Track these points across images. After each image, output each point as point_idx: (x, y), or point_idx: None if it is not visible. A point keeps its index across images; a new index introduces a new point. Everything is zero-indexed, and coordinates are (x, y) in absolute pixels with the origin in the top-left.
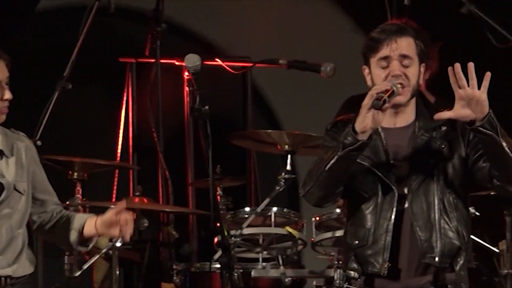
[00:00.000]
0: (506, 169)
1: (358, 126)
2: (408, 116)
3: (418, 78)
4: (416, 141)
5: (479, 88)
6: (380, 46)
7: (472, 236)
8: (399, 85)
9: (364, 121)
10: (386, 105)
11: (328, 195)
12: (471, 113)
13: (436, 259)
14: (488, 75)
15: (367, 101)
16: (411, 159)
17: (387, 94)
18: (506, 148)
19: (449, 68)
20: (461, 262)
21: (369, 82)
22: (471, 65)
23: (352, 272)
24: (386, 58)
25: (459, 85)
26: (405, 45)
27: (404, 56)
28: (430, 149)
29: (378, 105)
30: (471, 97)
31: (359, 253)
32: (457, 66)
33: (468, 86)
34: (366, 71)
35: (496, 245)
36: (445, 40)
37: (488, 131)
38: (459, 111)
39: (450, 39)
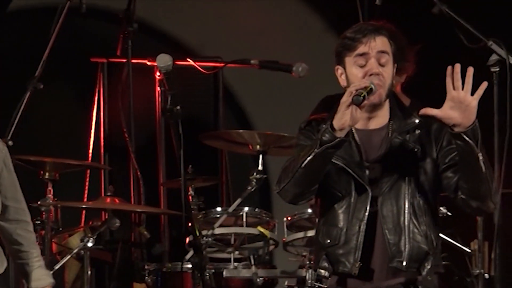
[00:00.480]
0: (475, 183)
1: (337, 123)
2: (382, 118)
3: (392, 78)
4: (389, 143)
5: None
6: (357, 44)
7: (444, 236)
8: (376, 84)
9: (343, 118)
10: (365, 102)
11: (304, 193)
12: (457, 117)
13: (404, 263)
14: (484, 84)
15: (345, 98)
16: (383, 161)
17: (366, 91)
18: (481, 162)
19: (449, 67)
20: (428, 267)
21: (342, 82)
22: (470, 70)
23: (322, 271)
24: (363, 55)
25: (454, 86)
26: (383, 44)
27: (382, 52)
28: (402, 152)
29: (359, 100)
30: (462, 100)
31: (331, 252)
32: (457, 66)
33: (463, 89)
34: (339, 71)
35: (468, 245)
36: (417, 41)
37: (469, 140)
38: (446, 111)
39: (421, 39)
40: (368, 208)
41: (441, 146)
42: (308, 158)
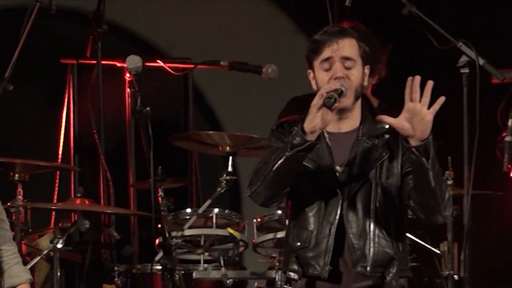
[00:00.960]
0: (424, 196)
1: (308, 126)
2: (353, 121)
3: (361, 80)
4: (358, 147)
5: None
6: (322, 47)
7: (413, 238)
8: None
9: (314, 120)
10: (336, 104)
11: (275, 195)
12: (411, 129)
13: (368, 268)
14: (441, 99)
15: (316, 101)
16: (352, 164)
17: (337, 94)
18: (431, 178)
19: (409, 78)
20: (394, 271)
21: (314, 86)
22: (430, 84)
23: (292, 274)
24: (328, 59)
25: (411, 97)
26: (347, 46)
27: (346, 58)
28: (370, 156)
29: (330, 103)
30: (418, 113)
31: (301, 255)
32: (417, 78)
33: (420, 102)
34: (311, 75)
35: (437, 246)
36: (386, 42)
37: (420, 155)
38: (402, 122)
39: (391, 40)
40: (338, 211)
41: (405, 151)
42: (279, 162)
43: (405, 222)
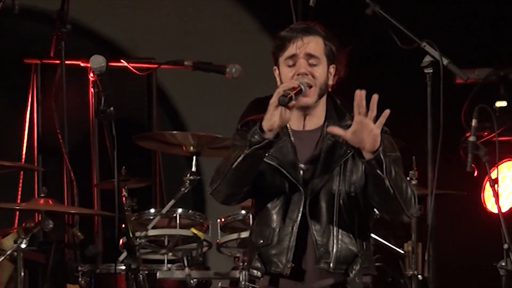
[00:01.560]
0: (384, 200)
1: (266, 124)
2: (317, 119)
3: (326, 78)
4: (322, 145)
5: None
6: (287, 44)
7: (377, 238)
8: (306, 85)
9: (272, 119)
10: (293, 102)
11: (236, 193)
12: (363, 140)
13: (331, 264)
14: (386, 112)
15: (274, 99)
16: (316, 162)
17: (294, 92)
18: (388, 185)
19: (357, 91)
20: (357, 268)
21: (279, 83)
22: (375, 98)
23: (255, 271)
24: (292, 56)
25: (359, 111)
26: (313, 44)
27: (310, 55)
28: (335, 154)
29: (284, 101)
30: (365, 126)
31: (264, 253)
32: (362, 94)
33: (367, 115)
34: (277, 72)
35: (401, 246)
36: (351, 42)
37: (373, 168)
38: (351, 135)
39: (355, 40)
40: (301, 209)
41: None
42: (239, 160)
43: (370, 220)
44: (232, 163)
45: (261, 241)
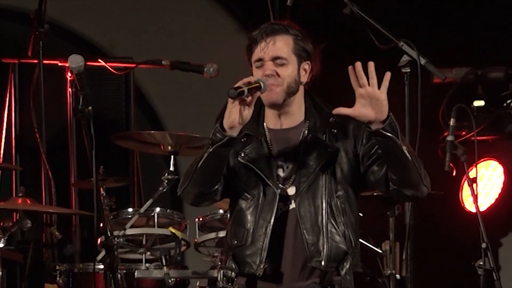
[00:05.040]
0: (405, 173)
1: (226, 121)
2: (295, 116)
3: (297, 76)
4: (304, 143)
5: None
6: (254, 47)
7: None
8: (267, 82)
9: (231, 116)
10: (249, 97)
11: (204, 193)
12: (372, 113)
13: (323, 263)
14: (388, 75)
15: None
16: (299, 160)
17: (250, 87)
18: (406, 152)
19: (350, 67)
20: (347, 266)
21: None
22: (371, 64)
23: (229, 272)
24: (260, 59)
25: (360, 84)
26: (280, 44)
27: (276, 57)
28: (319, 151)
29: (234, 94)
30: (371, 95)
31: (238, 253)
32: (358, 64)
33: (369, 85)
34: (251, 70)
35: (379, 246)
36: (328, 41)
37: (389, 134)
38: (359, 110)
39: (333, 39)
40: (275, 209)
41: (361, 143)
42: (203, 159)
43: (357, 217)
44: (197, 163)
45: (235, 242)
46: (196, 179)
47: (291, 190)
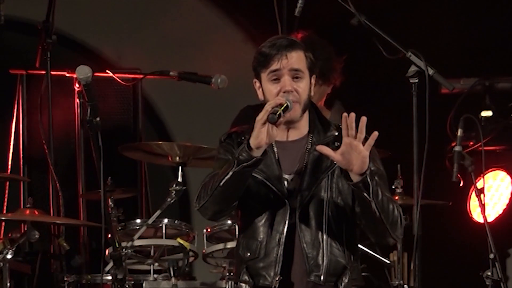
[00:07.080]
0: (372, 222)
1: (253, 141)
2: (301, 129)
3: (309, 91)
4: (307, 156)
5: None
6: (270, 61)
7: (363, 248)
8: (291, 101)
9: (259, 136)
10: (281, 119)
11: (223, 210)
12: (351, 163)
13: (322, 277)
14: (374, 134)
15: (261, 116)
16: (303, 173)
17: (282, 109)
18: (375, 208)
19: (344, 114)
20: (346, 281)
21: (260, 96)
22: (363, 120)
23: (243, 285)
24: (276, 71)
25: (348, 134)
26: (295, 59)
27: (295, 70)
28: (321, 165)
29: (274, 119)
30: (355, 148)
31: (251, 266)
32: (352, 116)
33: (356, 138)
34: (257, 84)
35: (387, 256)
36: (342, 52)
37: (360, 191)
38: (342, 156)
39: (340, 50)
40: (287, 220)
41: None
42: (226, 177)
43: (357, 230)
44: (219, 181)
45: (248, 254)
46: (217, 196)
47: (294, 203)
